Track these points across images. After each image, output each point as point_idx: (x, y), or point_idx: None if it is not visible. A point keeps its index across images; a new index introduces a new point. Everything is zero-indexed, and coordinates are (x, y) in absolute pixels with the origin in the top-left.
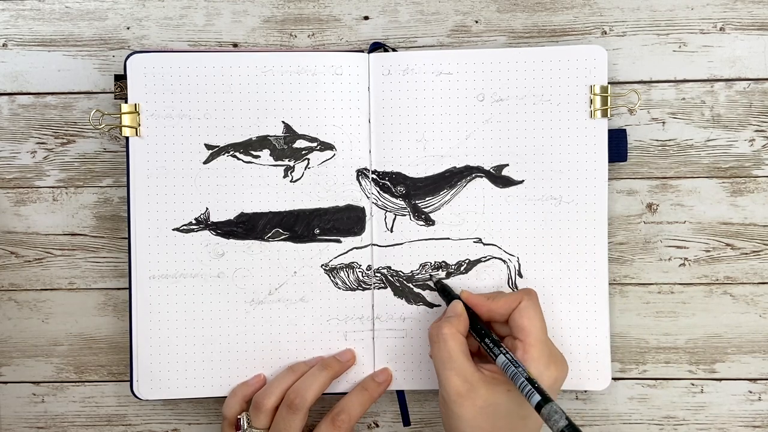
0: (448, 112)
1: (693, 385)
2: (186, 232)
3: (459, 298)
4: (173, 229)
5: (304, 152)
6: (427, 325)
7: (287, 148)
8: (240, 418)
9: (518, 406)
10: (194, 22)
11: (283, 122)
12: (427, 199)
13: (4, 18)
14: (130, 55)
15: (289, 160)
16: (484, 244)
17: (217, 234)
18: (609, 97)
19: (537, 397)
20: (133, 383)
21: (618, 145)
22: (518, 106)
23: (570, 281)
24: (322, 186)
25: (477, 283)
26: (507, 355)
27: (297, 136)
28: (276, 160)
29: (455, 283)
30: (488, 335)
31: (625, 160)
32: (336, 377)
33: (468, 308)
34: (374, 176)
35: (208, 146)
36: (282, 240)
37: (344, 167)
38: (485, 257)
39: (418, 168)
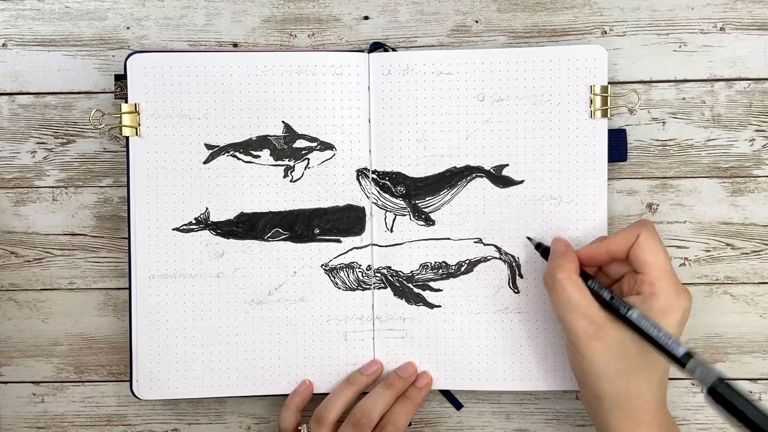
0: (448, 112)
1: (693, 384)
2: (186, 232)
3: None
4: (173, 229)
5: (304, 152)
6: (427, 325)
7: (287, 148)
8: (301, 429)
9: (648, 348)
10: (194, 22)
11: (283, 122)
12: (427, 199)
13: (4, 18)
14: (130, 54)
15: (289, 160)
16: (484, 244)
17: (217, 234)
18: (609, 97)
19: (682, 349)
20: (133, 383)
21: (618, 145)
22: (518, 106)
23: None
24: (322, 186)
25: (477, 283)
26: (633, 311)
27: (297, 136)
28: (276, 160)
29: (456, 284)
30: (606, 292)
31: (625, 160)
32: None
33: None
34: (374, 176)
35: (208, 146)
36: (282, 240)
37: (344, 167)
38: (485, 257)
39: (418, 168)
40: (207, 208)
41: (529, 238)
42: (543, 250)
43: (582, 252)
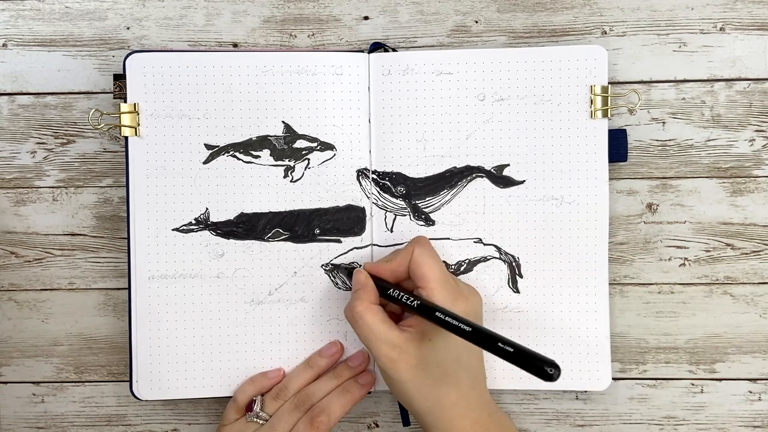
0: (448, 112)
1: (693, 385)
2: (186, 232)
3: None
4: (173, 230)
5: (304, 152)
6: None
7: (287, 148)
8: (254, 400)
9: (444, 351)
10: (194, 22)
11: (283, 122)
12: (427, 199)
13: (4, 18)
14: (130, 54)
15: (289, 160)
16: (484, 244)
17: (217, 234)
18: (609, 97)
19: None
20: (133, 383)
21: (618, 145)
22: (519, 106)
23: (570, 281)
24: (322, 186)
25: (477, 283)
26: (418, 300)
27: (297, 136)
28: (276, 160)
29: None
30: (396, 291)
31: (625, 160)
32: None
33: (377, 278)
34: (374, 176)
35: (208, 146)
36: (282, 240)
37: (344, 167)
38: (485, 257)
39: (418, 168)
40: (207, 209)
41: (336, 266)
42: (347, 270)
43: (372, 272)
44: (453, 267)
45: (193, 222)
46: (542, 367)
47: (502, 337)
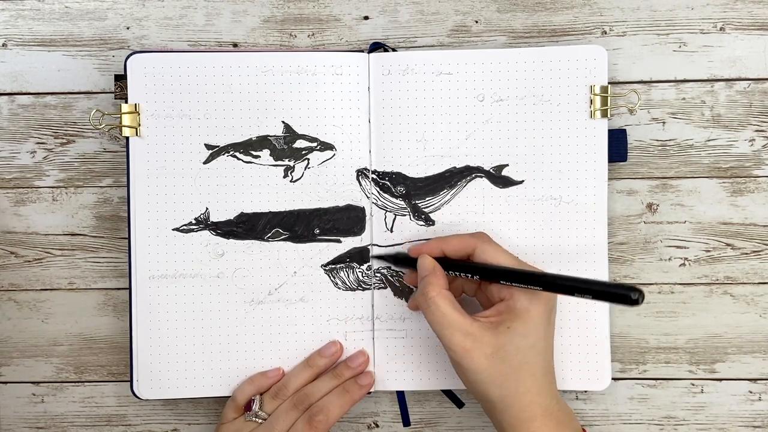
0: (448, 112)
1: (693, 385)
2: (186, 232)
3: (409, 256)
4: (173, 229)
5: (304, 152)
6: (427, 325)
7: (287, 148)
8: (253, 400)
9: (522, 338)
10: (194, 22)
11: (283, 122)
12: (427, 199)
13: (4, 18)
14: (131, 55)
15: (289, 160)
16: None
17: (217, 234)
18: (609, 97)
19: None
20: (133, 383)
21: (618, 145)
22: (518, 107)
23: None
24: (322, 186)
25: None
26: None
27: (297, 136)
28: (276, 160)
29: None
30: (465, 265)
31: (625, 160)
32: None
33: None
34: (374, 176)
35: (208, 146)
36: (282, 240)
37: (344, 167)
38: None
39: (418, 168)
40: (207, 208)
41: (379, 257)
42: (402, 258)
43: (429, 253)
44: None
45: (194, 222)
46: (627, 296)
47: (581, 279)
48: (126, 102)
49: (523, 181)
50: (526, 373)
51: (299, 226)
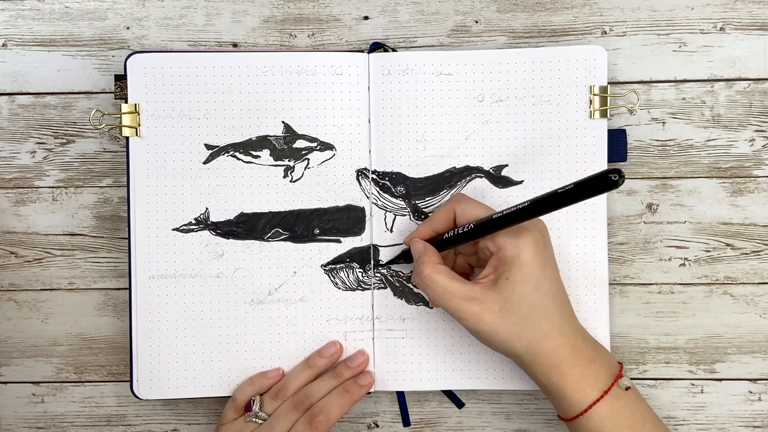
0: (447, 112)
1: (693, 385)
2: (186, 232)
3: (407, 250)
4: (173, 229)
5: (304, 152)
6: (427, 325)
7: (287, 148)
8: (253, 400)
9: (522, 283)
10: (194, 22)
11: (283, 122)
12: (427, 199)
13: (4, 18)
14: (131, 55)
15: (289, 160)
16: None
17: (217, 234)
18: (609, 98)
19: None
20: (133, 383)
21: (618, 145)
22: (518, 107)
23: (570, 281)
24: (322, 186)
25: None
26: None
27: (297, 136)
28: (276, 160)
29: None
30: (451, 233)
31: (625, 160)
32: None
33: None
34: (374, 176)
35: (208, 146)
36: (282, 240)
37: (344, 167)
38: None
39: (418, 168)
40: (207, 208)
41: (390, 262)
42: (404, 254)
43: (420, 237)
44: None
45: (193, 222)
46: (607, 180)
47: (555, 190)
48: (126, 102)
49: (523, 181)
50: (539, 317)
51: (299, 226)
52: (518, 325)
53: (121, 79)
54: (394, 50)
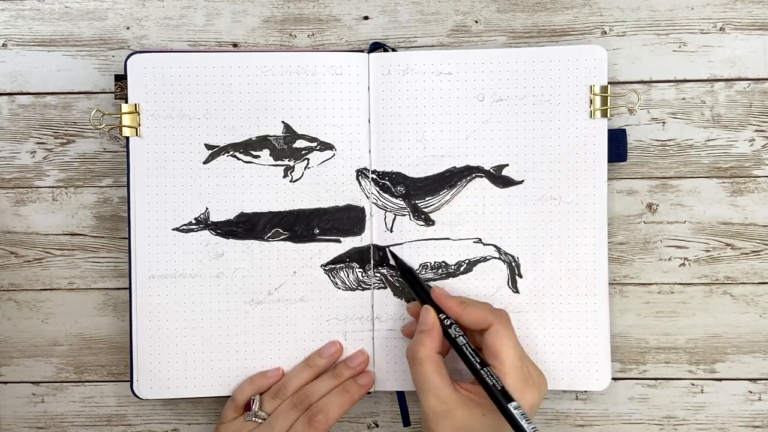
0: (448, 112)
1: (693, 385)
2: (186, 232)
3: (428, 294)
4: (173, 229)
5: (304, 152)
6: None
7: (287, 148)
8: (253, 400)
9: (493, 430)
10: (194, 22)
11: (283, 122)
12: (427, 199)
13: (4, 18)
14: (131, 55)
15: (289, 160)
16: (484, 244)
17: (217, 234)
18: (609, 97)
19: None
20: (134, 383)
21: (618, 145)
22: (518, 106)
23: (570, 281)
24: (322, 186)
25: (476, 283)
26: (484, 370)
27: (297, 136)
28: (276, 160)
29: (455, 284)
30: (468, 348)
31: (625, 160)
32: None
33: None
34: (374, 176)
35: (208, 146)
36: (282, 240)
37: (344, 167)
38: (485, 257)
39: (418, 168)
40: (207, 208)
41: (392, 254)
42: (406, 270)
43: (440, 302)
44: (453, 267)
45: (193, 222)
46: None
47: None
48: (126, 102)
49: (523, 181)
50: None
51: (299, 226)
52: None
53: (121, 79)
54: (394, 50)
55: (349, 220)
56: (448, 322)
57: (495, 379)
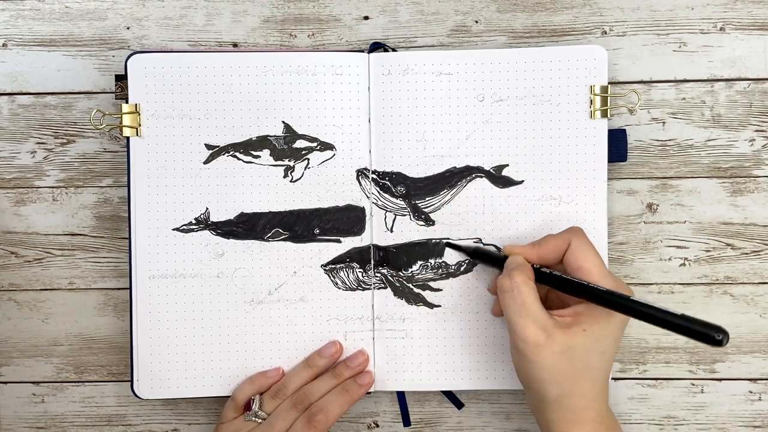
0: (448, 112)
1: (693, 385)
2: (186, 232)
3: (502, 256)
4: (173, 229)
5: (304, 152)
6: (427, 325)
7: (287, 148)
8: (253, 399)
9: (595, 342)
10: (194, 22)
11: (283, 122)
12: (427, 199)
13: (4, 18)
14: (131, 55)
15: (289, 160)
16: (484, 244)
17: (217, 234)
18: (609, 97)
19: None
20: (134, 383)
21: (618, 145)
22: (518, 107)
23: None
24: (322, 186)
25: (477, 283)
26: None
27: (297, 136)
28: (276, 160)
29: (455, 284)
30: (556, 272)
31: (625, 160)
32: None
33: None
34: (374, 176)
35: (208, 146)
36: (282, 240)
37: (344, 167)
38: None
39: (418, 168)
40: (207, 208)
41: (453, 246)
42: (481, 254)
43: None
44: (453, 267)
45: (194, 222)
46: (710, 335)
47: (668, 310)
48: (126, 102)
49: (523, 181)
50: (587, 378)
51: (299, 226)
52: (566, 375)
53: (121, 79)
54: (394, 50)
55: (349, 220)
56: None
57: (601, 288)
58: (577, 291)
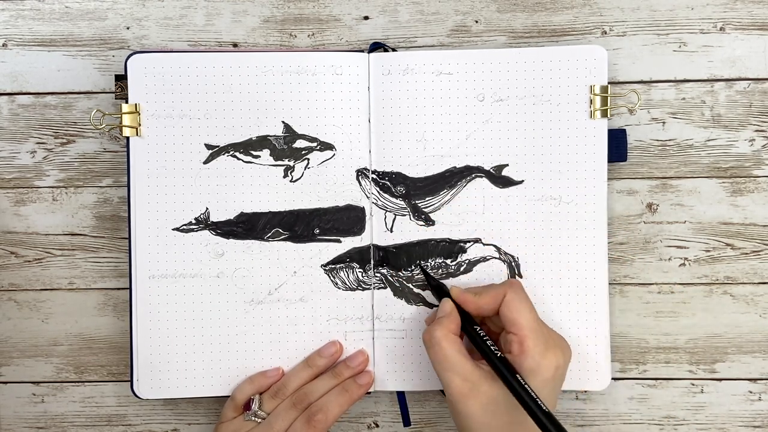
0: (448, 112)
1: (693, 385)
2: (186, 232)
3: (449, 294)
4: (173, 229)
5: (304, 152)
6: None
7: (287, 148)
8: (252, 399)
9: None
10: (194, 22)
11: (283, 122)
12: (427, 199)
13: (4, 18)
14: (131, 55)
15: (289, 160)
16: (484, 244)
17: (217, 234)
18: (609, 97)
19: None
20: (134, 382)
21: (618, 145)
22: (518, 106)
23: (570, 281)
24: (322, 186)
25: (476, 283)
26: (499, 361)
27: (297, 136)
28: (276, 160)
29: (455, 284)
30: (481, 331)
31: (625, 160)
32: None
33: (459, 309)
34: (374, 176)
35: (208, 146)
36: (282, 240)
37: (344, 167)
38: (485, 257)
39: (418, 168)
40: (207, 208)
41: (422, 269)
42: (434, 286)
43: (458, 300)
44: (453, 267)
45: (194, 221)
46: None
47: (544, 410)
48: (126, 102)
49: (523, 181)
50: (513, 429)
51: (299, 226)
52: (494, 427)
53: (121, 79)
54: (394, 50)
55: (349, 220)
56: (468, 318)
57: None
58: (483, 354)
